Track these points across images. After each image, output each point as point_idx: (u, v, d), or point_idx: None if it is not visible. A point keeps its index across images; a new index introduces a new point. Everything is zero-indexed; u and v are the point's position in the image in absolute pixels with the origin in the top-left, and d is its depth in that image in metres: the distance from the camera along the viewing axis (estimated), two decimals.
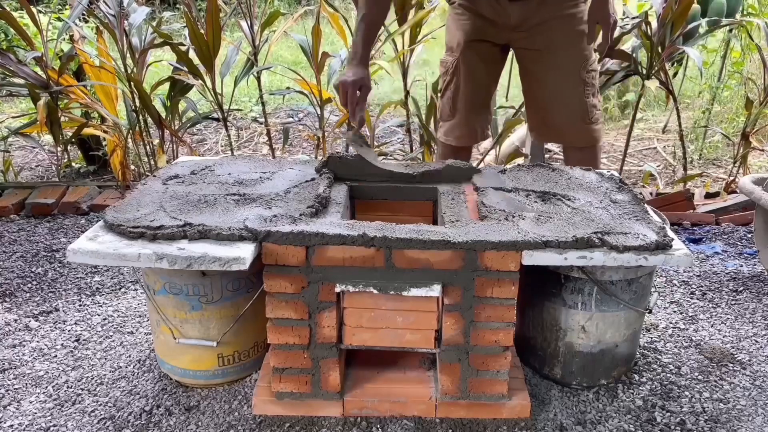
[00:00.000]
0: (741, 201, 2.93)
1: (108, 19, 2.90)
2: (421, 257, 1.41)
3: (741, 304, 2.17)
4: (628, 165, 3.73)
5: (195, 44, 2.87)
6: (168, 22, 4.04)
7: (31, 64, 3.05)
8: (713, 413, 1.61)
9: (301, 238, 1.40)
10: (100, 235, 1.44)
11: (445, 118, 2.27)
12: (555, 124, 2.16)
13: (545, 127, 2.23)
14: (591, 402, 1.64)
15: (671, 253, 1.41)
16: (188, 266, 1.35)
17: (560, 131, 2.18)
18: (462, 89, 2.18)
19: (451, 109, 2.23)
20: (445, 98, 2.24)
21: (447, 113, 2.26)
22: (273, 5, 4.19)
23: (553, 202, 1.64)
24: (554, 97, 2.10)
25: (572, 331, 1.62)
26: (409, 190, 1.80)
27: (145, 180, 1.75)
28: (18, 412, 1.61)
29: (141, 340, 1.94)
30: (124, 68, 3.01)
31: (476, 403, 1.56)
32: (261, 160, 1.96)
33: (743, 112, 3.40)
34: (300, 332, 1.49)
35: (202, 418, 1.58)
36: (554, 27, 2.02)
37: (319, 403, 1.56)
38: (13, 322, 2.05)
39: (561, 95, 2.09)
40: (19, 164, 3.83)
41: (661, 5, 2.84)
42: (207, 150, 4.23)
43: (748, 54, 3.73)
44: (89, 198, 3.10)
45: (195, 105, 3.23)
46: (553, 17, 2.01)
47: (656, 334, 1.99)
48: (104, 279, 2.35)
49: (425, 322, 1.49)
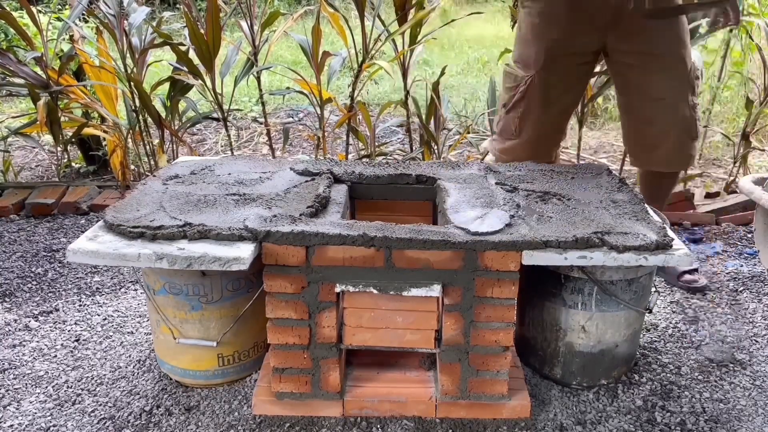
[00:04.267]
0: (741, 201, 2.93)
1: (108, 19, 2.90)
2: (421, 257, 1.41)
3: (741, 304, 2.17)
4: (628, 165, 3.72)
5: (195, 44, 2.87)
6: (168, 22, 4.04)
7: (31, 64, 3.05)
8: (713, 413, 1.61)
9: (301, 238, 1.40)
10: (100, 235, 1.44)
11: (508, 136, 2.01)
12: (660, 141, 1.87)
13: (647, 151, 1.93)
14: (591, 402, 1.64)
15: (671, 253, 1.41)
16: (188, 266, 1.35)
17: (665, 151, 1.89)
18: (535, 113, 1.93)
19: (516, 129, 1.97)
20: (511, 116, 1.97)
21: (511, 132, 2.00)
22: (273, 5, 4.19)
23: (553, 202, 1.64)
24: (661, 109, 1.81)
25: (572, 331, 1.62)
26: (409, 190, 1.80)
27: (145, 180, 1.75)
28: (18, 412, 1.61)
29: (141, 340, 1.94)
30: (124, 68, 3.01)
31: (476, 403, 1.56)
32: (261, 160, 1.95)
33: (743, 112, 3.40)
34: (300, 332, 1.49)
35: (202, 418, 1.58)
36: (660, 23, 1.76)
37: (319, 403, 1.56)
38: (13, 322, 2.05)
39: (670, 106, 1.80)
40: (19, 164, 3.82)
41: None
42: (207, 150, 4.23)
43: (748, 54, 3.73)
44: (89, 198, 3.10)
45: (195, 105, 3.22)
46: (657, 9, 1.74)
47: (656, 334, 1.99)
48: (104, 279, 2.35)
49: (425, 322, 1.49)
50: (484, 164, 1.88)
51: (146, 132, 3.21)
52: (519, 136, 1.99)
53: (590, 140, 4.36)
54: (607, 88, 3.02)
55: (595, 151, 4.19)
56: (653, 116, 1.88)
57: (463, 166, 1.87)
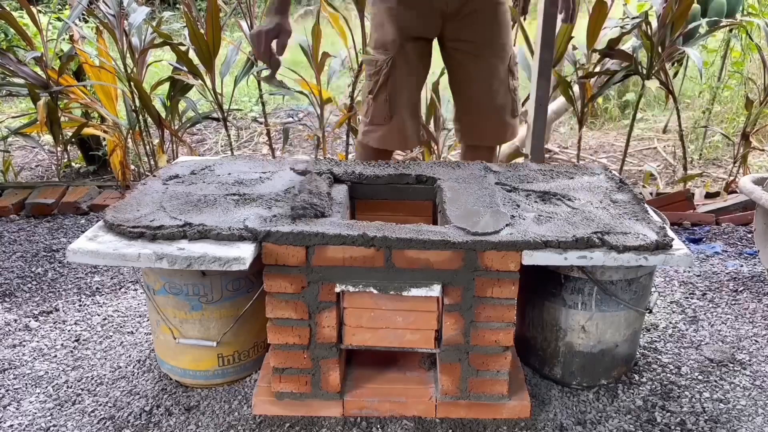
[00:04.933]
0: (741, 201, 2.93)
1: (108, 19, 2.90)
2: (421, 257, 1.41)
3: (741, 304, 2.17)
4: (628, 165, 3.73)
5: (195, 44, 2.87)
6: (168, 22, 4.04)
7: (30, 64, 3.05)
8: (713, 413, 1.61)
9: (301, 238, 1.40)
10: (100, 235, 1.44)
11: (380, 121, 2.10)
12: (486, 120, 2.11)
13: (477, 127, 2.16)
14: (591, 402, 1.64)
15: (671, 253, 1.41)
16: (188, 266, 1.35)
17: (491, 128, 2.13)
18: (402, 93, 2.06)
19: (389, 113, 2.08)
20: (380, 101, 2.07)
21: (383, 117, 2.09)
22: None
23: (553, 202, 1.64)
24: (486, 91, 2.06)
25: (572, 331, 1.62)
26: (409, 190, 1.80)
27: (145, 180, 1.75)
28: (18, 412, 1.61)
29: (141, 340, 1.94)
30: (124, 68, 3.01)
31: (476, 403, 1.56)
32: (261, 160, 1.95)
33: (743, 112, 3.41)
34: (300, 332, 1.49)
35: (202, 418, 1.58)
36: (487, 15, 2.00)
37: (319, 403, 1.56)
38: (13, 322, 2.05)
39: (494, 89, 2.05)
40: (19, 164, 3.83)
41: (661, 5, 2.84)
42: (207, 150, 4.23)
43: (748, 54, 3.73)
44: (89, 198, 3.10)
45: (195, 105, 3.22)
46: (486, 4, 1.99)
47: (656, 334, 1.99)
48: (104, 279, 2.35)
49: (425, 322, 1.49)
50: (484, 164, 1.89)
51: (146, 132, 3.21)
52: (391, 120, 2.10)
53: (590, 140, 4.36)
54: (607, 88, 3.03)
55: (595, 151, 4.19)
56: (480, 97, 2.09)
57: (463, 166, 1.87)
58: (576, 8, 1.99)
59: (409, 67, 2.05)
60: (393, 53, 2.02)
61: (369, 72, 2.11)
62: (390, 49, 2.03)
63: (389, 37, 2.03)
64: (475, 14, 2.00)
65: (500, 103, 2.11)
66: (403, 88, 2.07)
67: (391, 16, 2.02)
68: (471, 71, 2.08)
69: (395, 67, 2.03)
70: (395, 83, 2.05)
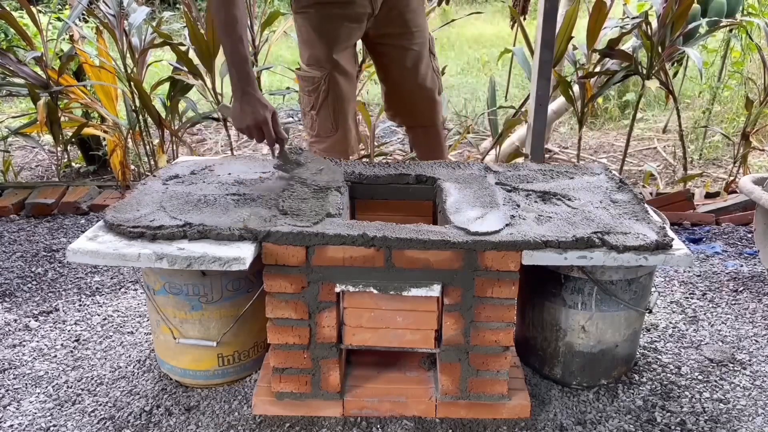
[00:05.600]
0: (741, 201, 2.93)
1: (108, 19, 2.90)
2: (421, 257, 1.41)
3: (741, 304, 2.17)
4: (628, 165, 3.73)
5: (195, 44, 2.87)
6: (168, 22, 4.05)
7: (31, 64, 3.05)
8: (713, 413, 1.61)
9: (301, 238, 1.40)
10: (100, 235, 1.44)
11: (327, 133, 2.13)
12: (421, 102, 2.22)
13: (414, 110, 2.25)
14: (591, 402, 1.64)
15: (671, 253, 1.41)
16: (188, 266, 1.35)
17: (427, 110, 2.24)
18: (343, 105, 2.10)
19: (333, 124, 2.11)
20: (323, 115, 2.10)
21: (329, 129, 2.12)
22: (273, 5, 4.19)
23: (553, 202, 1.64)
24: (416, 76, 2.15)
25: (572, 331, 1.62)
26: (409, 190, 1.80)
27: (145, 180, 1.75)
28: (18, 412, 1.61)
29: (141, 340, 1.94)
30: (124, 68, 3.01)
31: (476, 403, 1.56)
32: (261, 160, 1.96)
33: (743, 112, 3.41)
34: (300, 332, 1.49)
35: (202, 418, 1.58)
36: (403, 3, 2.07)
37: (319, 403, 1.56)
38: (13, 322, 2.05)
39: (422, 73, 2.15)
40: (19, 164, 3.83)
41: (661, 5, 2.84)
42: (207, 150, 4.23)
43: (748, 54, 3.74)
44: (89, 198, 3.10)
45: (195, 105, 3.23)
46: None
47: (656, 334, 1.99)
48: (104, 279, 2.35)
49: (425, 322, 1.49)
50: (484, 164, 1.89)
51: (146, 132, 3.21)
52: (337, 130, 2.14)
53: (590, 140, 4.36)
54: (607, 88, 3.03)
55: (595, 151, 4.19)
56: (412, 83, 2.18)
57: (463, 166, 1.87)
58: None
59: (346, 77, 2.09)
60: (329, 69, 2.04)
61: (307, 88, 2.10)
62: (325, 66, 2.04)
63: (322, 54, 2.03)
64: (395, 7, 2.07)
65: (429, 86, 2.22)
66: (343, 100, 2.10)
67: (319, 33, 2.02)
68: (399, 60, 2.15)
69: (333, 81, 2.05)
70: (336, 97, 2.08)
